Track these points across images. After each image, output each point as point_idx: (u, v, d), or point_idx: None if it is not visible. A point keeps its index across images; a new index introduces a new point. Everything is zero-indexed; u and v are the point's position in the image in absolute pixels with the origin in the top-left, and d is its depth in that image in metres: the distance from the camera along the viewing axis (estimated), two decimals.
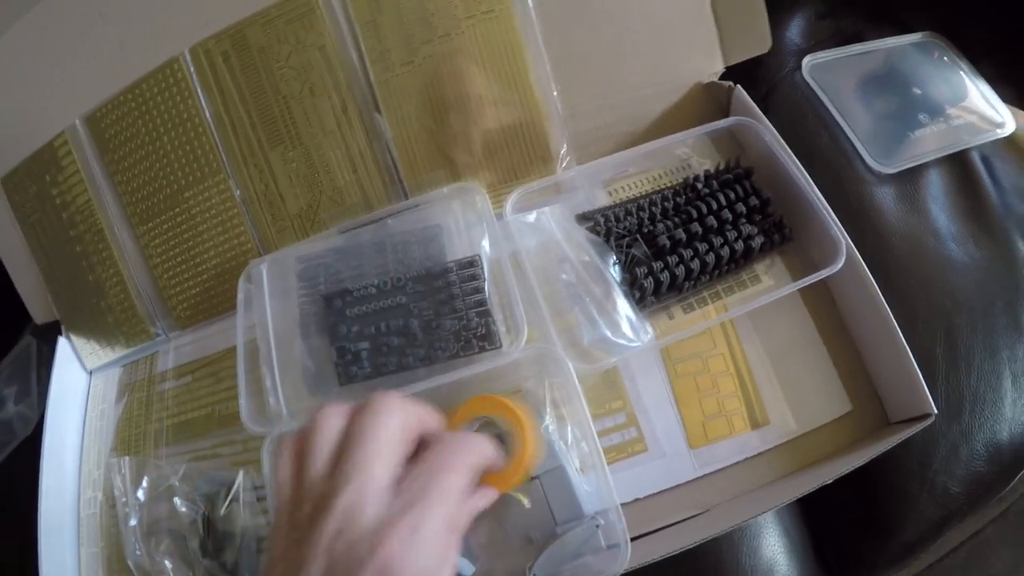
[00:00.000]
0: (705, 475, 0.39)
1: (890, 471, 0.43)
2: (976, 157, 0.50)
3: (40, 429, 0.57)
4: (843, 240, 0.40)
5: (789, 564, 0.42)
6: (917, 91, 0.50)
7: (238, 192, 0.47)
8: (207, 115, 0.46)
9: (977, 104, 0.52)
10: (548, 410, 0.37)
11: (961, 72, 0.53)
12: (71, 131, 0.49)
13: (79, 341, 0.54)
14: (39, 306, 0.56)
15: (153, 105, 0.47)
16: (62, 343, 0.53)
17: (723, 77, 0.47)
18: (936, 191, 0.48)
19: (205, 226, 0.48)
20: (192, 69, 0.46)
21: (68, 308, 0.54)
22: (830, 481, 0.36)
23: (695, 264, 0.39)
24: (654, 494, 0.38)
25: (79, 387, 0.54)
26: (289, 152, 0.46)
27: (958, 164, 0.50)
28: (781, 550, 0.42)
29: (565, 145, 0.44)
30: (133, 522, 0.42)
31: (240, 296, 0.44)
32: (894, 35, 0.53)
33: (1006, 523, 0.72)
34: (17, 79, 0.50)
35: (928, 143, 0.48)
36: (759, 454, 0.39)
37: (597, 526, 0.34)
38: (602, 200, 0.44)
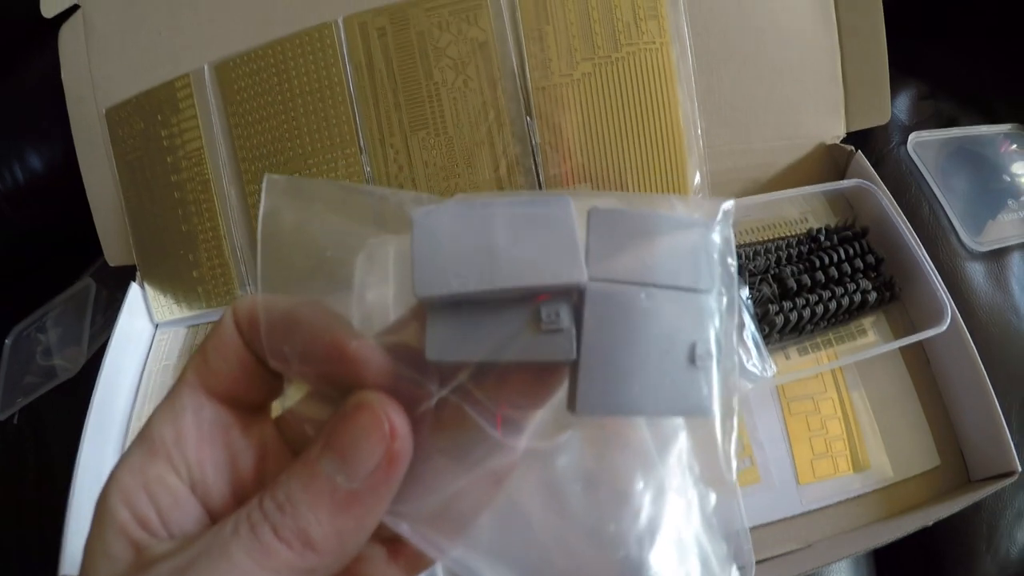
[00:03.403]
0: (809, 511, 0.40)
1: (958, 528, 0.46)
2: None
3: (81, 375, 0.55)
4: (948, 304, 0.43)
5: None
6: (1006, 178, 0.55)
7: (368, 168, 0.47)
8: (350, 87, 0.46)
9: None
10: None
11: None
12: (197, 75, 0.48)
13: (153, 291, 0.52)
14: (115, 248, 0.54)
15: (294, 66, 0.47)
16: (134, 290, 0.51)
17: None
18: (1020, 273, 0.51)
19: None
20: (344, 38, 0.46)
21: (149, 255, 0.52)
22: (930, 524, 0.39)
23: (819, 308, 0.42)
24: (761, 525, 0.40)
25: (143, 338, 0.52)
26: (431, 139, 0.46)
27: None
28: None
29: (699, 177, 0.46)
30: None
31: (358, 275, 0.44)
32: (984, 122, 0.57)
33: None
34: (154, 10, 0.49)
35: (1013, 227, 0.52)
36: (859, 496, 0.41)
37: None
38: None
